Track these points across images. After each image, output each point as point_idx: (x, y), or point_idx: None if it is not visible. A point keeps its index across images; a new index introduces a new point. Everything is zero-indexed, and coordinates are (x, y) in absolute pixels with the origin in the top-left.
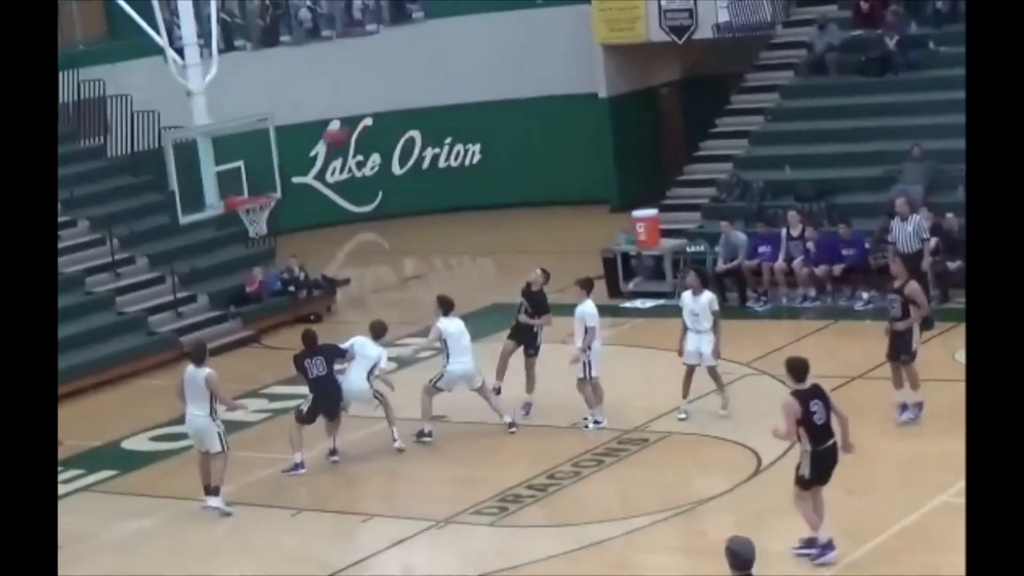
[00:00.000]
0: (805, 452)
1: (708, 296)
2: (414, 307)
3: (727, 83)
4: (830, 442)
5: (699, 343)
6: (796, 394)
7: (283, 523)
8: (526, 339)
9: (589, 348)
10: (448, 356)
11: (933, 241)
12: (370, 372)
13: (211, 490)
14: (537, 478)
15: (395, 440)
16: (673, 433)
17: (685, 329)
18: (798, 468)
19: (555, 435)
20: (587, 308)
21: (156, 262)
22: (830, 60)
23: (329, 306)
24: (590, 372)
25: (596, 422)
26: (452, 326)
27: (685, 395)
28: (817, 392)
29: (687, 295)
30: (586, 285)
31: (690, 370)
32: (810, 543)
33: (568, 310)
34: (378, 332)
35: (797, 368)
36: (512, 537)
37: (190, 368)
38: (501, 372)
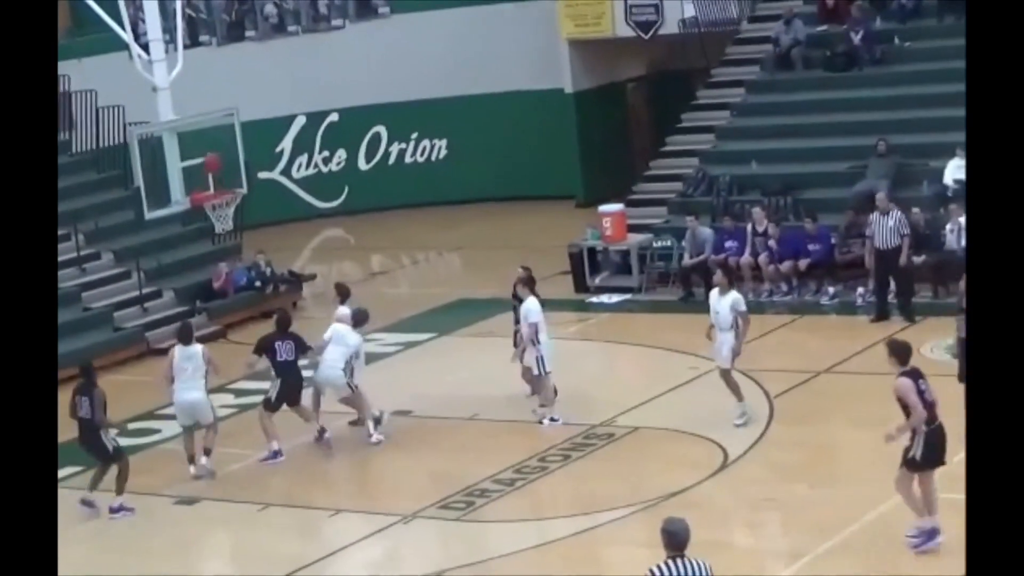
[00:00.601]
0: (920, 432)
1: (732, 296)
2: (380, 303)
3: (693, 78)
4: (939, 421)
5: (722, 344)
6: (905, 375)
7: (250, 518)
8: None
9: (538, 343)
10: None
11: None
12: (348, 361)
13: (206, 451)
14: (504, 472)
15: (371, 435)
16: (640, 428)
17: (712, 326)
18: (908, 450)
19: (522, 430)
20: (530, 304)
21: (122, 258)
22: (795, 55)
23: (295, 301)
24: (544, 367)
25: (553, 419)
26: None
27: (737, 397)
28: (921, 372)
29: (714, 293)
30: (528, 282)
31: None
32: (932, 533)
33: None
34: (359, 320)
35: (903, 351)
36: (479, 532)
37: (179, 349)
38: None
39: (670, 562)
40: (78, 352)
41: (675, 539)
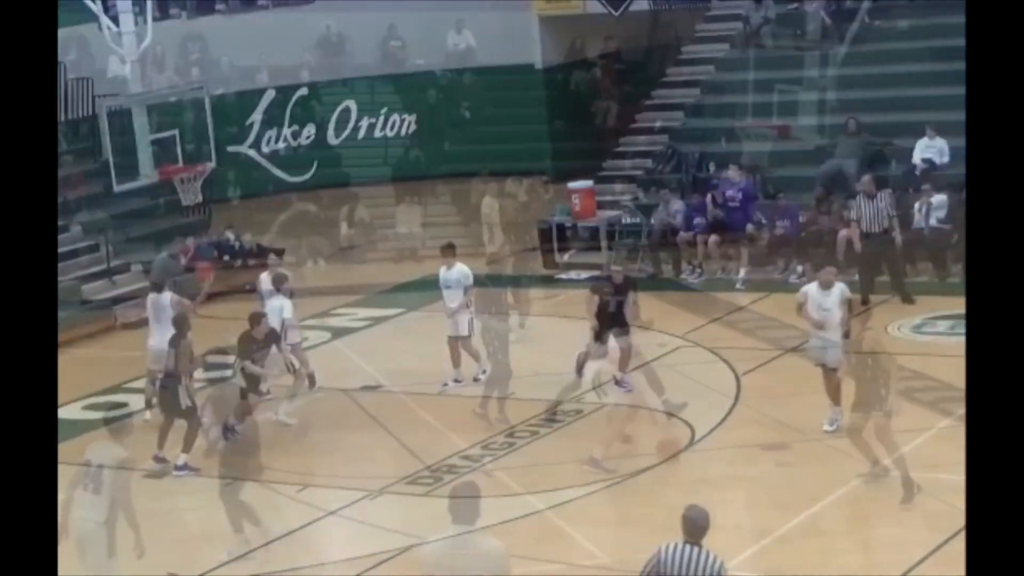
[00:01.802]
0: None
1: (838, 289)
2: (349, 278)
3: (663, 55)
4: None
5: (825, 341)
6: None
7: (216, 493)
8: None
9: (470, 306)
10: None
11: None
12: (282, 323)
13: None
14: (472, 449)
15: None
16: (607, 405)
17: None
18: None
19: (489, 406)
20: (463, 269)
21: (90, 231)
22: (765, 33)
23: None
24: (472, 329)
25: (456, 381)
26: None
27: (835, 401)
28: None
29: (813, 288)
30: (448, 250)
31: (823, 369)
32: None
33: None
34: (278, 283)
35: None
36: (447, 508)
37: (150, 297)
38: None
39: (680, 545)
40: None
41: (693, 526)
